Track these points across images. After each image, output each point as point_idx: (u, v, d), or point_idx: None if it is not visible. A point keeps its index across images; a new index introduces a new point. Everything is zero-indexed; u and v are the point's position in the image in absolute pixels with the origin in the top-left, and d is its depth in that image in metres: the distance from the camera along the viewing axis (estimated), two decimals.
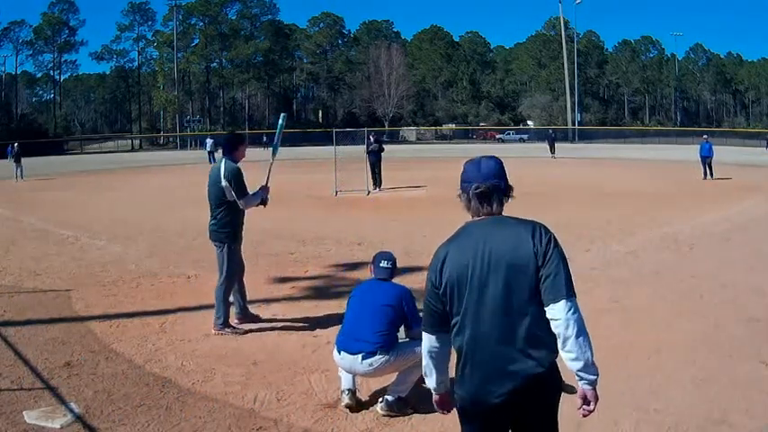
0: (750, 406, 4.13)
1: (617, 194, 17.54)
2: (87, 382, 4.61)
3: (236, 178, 5.63)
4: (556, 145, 36.78)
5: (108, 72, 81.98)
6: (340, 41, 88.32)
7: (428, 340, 2.39)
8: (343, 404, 4.13)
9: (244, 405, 4.27)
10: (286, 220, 12.61)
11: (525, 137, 65.55)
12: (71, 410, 4.11)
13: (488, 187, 2.32)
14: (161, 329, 5.93)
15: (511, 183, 2.42)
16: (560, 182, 21.45)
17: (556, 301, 2.16)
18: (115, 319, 6.22)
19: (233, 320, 5.93)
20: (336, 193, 17.85)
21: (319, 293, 7.22)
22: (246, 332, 5.78)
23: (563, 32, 74.48)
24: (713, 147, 21.70)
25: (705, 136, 23.13)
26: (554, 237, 2.27)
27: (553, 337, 2.21)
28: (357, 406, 4.14)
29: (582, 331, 2.17)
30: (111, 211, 15.29)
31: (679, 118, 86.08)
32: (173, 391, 4.48)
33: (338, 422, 4.01)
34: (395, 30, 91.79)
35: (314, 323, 5.98)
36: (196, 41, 75.93)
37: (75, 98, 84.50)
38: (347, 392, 4.13)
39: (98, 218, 14.06)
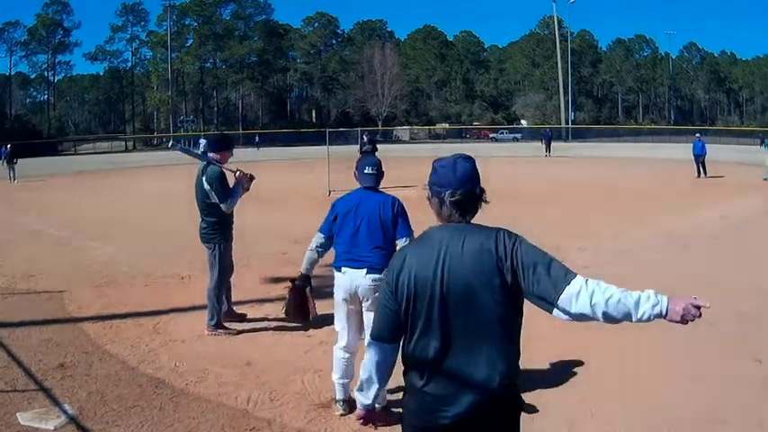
0: (744, 403, 4.16)
1: (610, 193, 17.61)
2: (81, 384, 4.60)
3: (218, 181, 5.59)
4: (552, 144, 36.85)
5: (102, 73, 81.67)
6: (334, 41, 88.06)
7: (379, 352, 2.17)
8: (337, 413, 4.09)
9: (237, 405, 4.27)
10: (279, 220, 12.60)
11: (519, 136, 65.61)
12: (65, 412, 4.10)
13: (464, 194, 2.12)
14: (154, 330, 5.92)
15: (484, 185, 2.20)
16: (554, 181, 21.47)
17: (553, 299, 1.98)
18: (109, 320, 6.20)
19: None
20: (330, 192, 17.81)
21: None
22: (239, 333, 5.78)
23: (557, 31, 74.59)
24: (706, 145, 21.80)
25: (698, 134, 23.24)
26: (519, 238, 2.08)
27: (513, 352, 2.08)
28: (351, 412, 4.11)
29: (603, 302, 1.97)
30: (104, 212, 15.23)
31: (673, 116, 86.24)
32: (166, 392, 4.48)
33: (331, 422, 4.01)
34: (389, 29, 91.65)
35: (307, 323, 5.96)
36: (190, 42, 75.72)
37: (68, 99, 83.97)
38: (341, 403, 4.11)
39: (92, 218, 14.02)
